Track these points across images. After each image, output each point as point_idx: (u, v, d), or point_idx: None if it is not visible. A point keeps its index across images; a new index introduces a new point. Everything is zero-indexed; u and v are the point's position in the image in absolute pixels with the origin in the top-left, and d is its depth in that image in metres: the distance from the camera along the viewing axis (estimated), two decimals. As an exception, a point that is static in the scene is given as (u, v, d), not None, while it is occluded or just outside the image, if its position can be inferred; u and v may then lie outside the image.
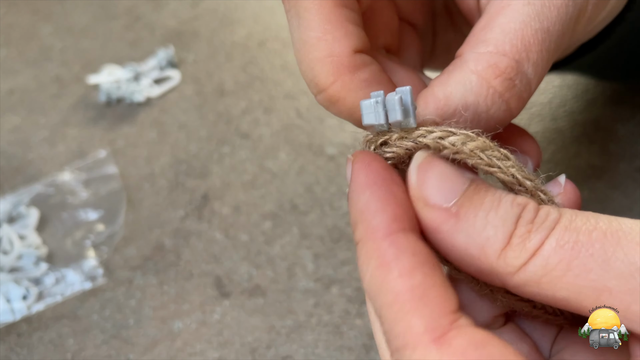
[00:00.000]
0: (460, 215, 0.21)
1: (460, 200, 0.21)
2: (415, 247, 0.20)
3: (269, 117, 0.53)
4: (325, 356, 0.38)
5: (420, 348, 0.19)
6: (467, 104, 0.23)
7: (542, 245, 0.20)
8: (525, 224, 0.21)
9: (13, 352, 0.41)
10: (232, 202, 0.47)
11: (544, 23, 0.24)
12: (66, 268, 0.45)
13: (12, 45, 0.65)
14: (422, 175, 0.22)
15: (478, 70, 0.23)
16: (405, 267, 0.20)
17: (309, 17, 0.25)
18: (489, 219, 0.21)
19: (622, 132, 0.47)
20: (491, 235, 0.21)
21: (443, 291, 0.20)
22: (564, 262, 0.20)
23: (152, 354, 0.40)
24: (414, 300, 0.19)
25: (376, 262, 0.20)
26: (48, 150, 0.54)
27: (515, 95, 0.24)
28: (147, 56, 0.60)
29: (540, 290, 0.20)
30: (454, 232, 0.21)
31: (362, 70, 0.25)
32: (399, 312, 0.20)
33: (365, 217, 0.21)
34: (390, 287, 0.20)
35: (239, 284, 0.42)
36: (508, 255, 0.20)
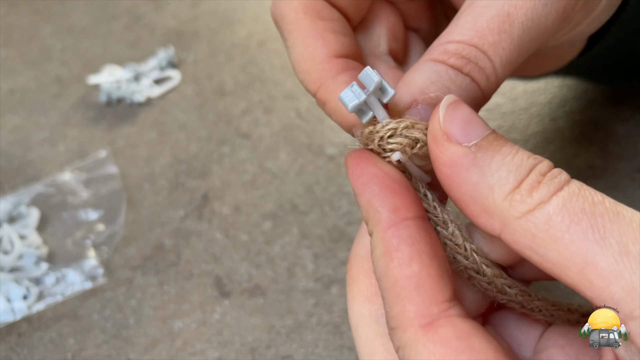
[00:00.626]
0: (478, 155, 0.22)
1: (480, 142, 0.22)
2: (415, 236, 0.22)
3: (269, 117, 0.53)
4: (325, 356, 0.38)
5: (409, 331, 0.21)
6: (432, 80, 0.25)
7: (549, 199, 0.21)
8: (538, 174, 0.21)
9: (14, 351, 0.41)
10: (232, 202, 0.47)
11: (504, 8, 0.25)
12: (66, 268, 0.45)
13: (13, 46, 0.65)
14: (449, 113, 0.23)
15: (432, 57, 0.26)
16: (404, 256, 0.22)
17: (293, 37, 0.28)
18: (505, 162, 0.22)
19: (622, 133, 0.47)
20: (503, 176, 0.22)
21: (437, 281, 0.22)
22: (565, 224, 0.20)
23: (153, 354, 0.40)
24: (409, 288, 0.22)
25: (381, 250, 0.23)
26: (48, 150, 0.54)
27: (475, 69, 0.25)
28: (148, 56, 0.60)
29: (534, 244, 0.21)
30: (468, 168, 0.22)
31: (344, 74, 0.27)
32: (396, 297, 0.22)
33: (370, 214, 0.23)
34: (391, 274, 0.22)
35: (239, 283, 0.43)
36: (515, 198, 0.21)
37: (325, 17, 0.28)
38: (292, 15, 0.28)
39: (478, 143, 0.22)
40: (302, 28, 0.28)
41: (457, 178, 0.22)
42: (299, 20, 0.28)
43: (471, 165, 0.22)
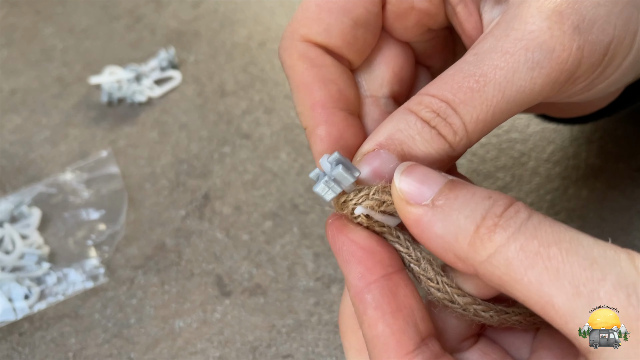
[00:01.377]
0: (437, 209, 0.24)
1: (436, 197, 0.24)
2: (378, 299, 0.25)
3: (270, 117, 0.53)
4: (325, 355, 0.38)
5: None
6: (400, 129, 0.27)
7: (506, 243, 0.22)
8: (493, 217, 0.23)
9: (15, 351, 0.41)
10: (232, 201, 0.48)
11: (482, 68, 0.26)
12: (68, 267, 0.45)
13: (14, 46, 0.65)
14: (404, 177, 0.25)
15: (408, 106, 0.27)
16: (371, 320, 0.25)
17: (290, 81, 0.30)
18: (461, 210, 0.23)
19: (621, 132, 0.47)
20: (462, 224, 0.23)
21: (400, 337, 0.25)
22: (522, 268, 0.22)
23: (154, 353, 0.40)
24: (378, 346, 0.25)
25: (357, 313, 0.26)
26: (50, 150, 0.54)
27: (441, 123, 0.26)
28: (149, 57, 0.61)
29: (501, 283, 0.22)
30: (431, 224, 0.24)
31: (320, 128, 0.29)
32: (371, 352, 0.25)
33: (345, 278, 0.27)
34: (364, 333, 0.26)
35: (239, 283, 0.43)
36: (476, 244, 0.23)
37: (318, 64, 0.30)
38: (289, 61, 0.30)
39: (434, 199, 0.24)
40: (297, 74, 0.30)
41: (426, 234, 0.24)
42: (293, 65, 0.30)
43: (433, 221, 0.24)
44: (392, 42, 0.32)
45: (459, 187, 0.24)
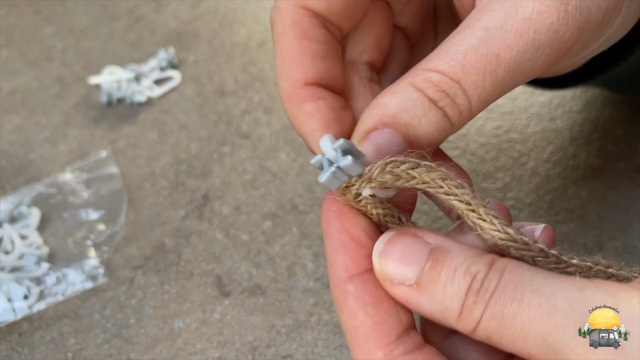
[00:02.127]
0: (421, 290, 0.24)
1: (419, 277, 0.24)
2: (360, 291, 0.25)
3: (269, 117, 0.53)
4: (325, 355, 0.38)
5: None
6: (406, 108, 0.26)
7: (482, 316, 0.23)
8: (473, 295, 0.24)
9: (14, 351, 0.41)
10: (232, 202, 0.48)
11: (494, 49, 0.25)
12: (67, 268, 0.45)
13: (14, 46, 0.65)
14: (384, 262, 0.25)
15: (414, 81, 0.26)
16: (350, 311, 0.25)
17: (276, 48, 0.29)
18: (446, 292, 0.24)
19: (621, 132, 0.47)
20: (448, 305, 0.24)
21: (380, 328, 0.25)
22: (497, 333, 0.23)
23: (153, 353, 0.40)
24: (358, 337, 0.25)
25: (336, 302, 0.26)
26: (49, 150, 0.54)
27: (449, 104, 0.26)
28: (148, 57, 0.61)
29: (493, 345, 0.24)
30: (419, 303, 0.25)
31: (308, 104, 0.28)
32: (350, 343, 0.26)
33: (329, 266, 0.26)
34: (344, 323, 0.26)
35: (239, 283, 0.43)
36: (462, 322, 0.24)
37: (310, 37, 0.28)
38: (279, 26, 0.29)
39: (417, 280, 0.24)
40: (285, 43, 0.29)
41: (416, 311, 0.25)
42: (284, 33, 0.28)
43: (420, 301, 0.24)
44: (377, 6, 0.31)
45: (440, 262, 0.24)
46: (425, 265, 0.24)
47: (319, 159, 0.26)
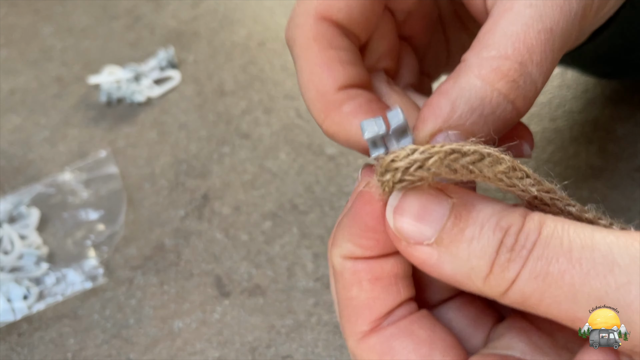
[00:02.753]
0: (442, 249, 0.22)
1: (440, 235, 0.22)
2: (357, 267, 0.24)
3: (269, 117, 0.53)
4: (325, 355, 0.38)
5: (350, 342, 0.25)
6: (473, 107, 0.24)
7: (518, 275, 0.21)
8: (506, 252, 0.21)
9: (14, 351, 0.41)
10: (232, 202, 0.48)
11: (547, 23, 0.24)
12: (67, 268, 0.45)
13: (13, 46, 0.65)
14: (399, 220, 0.22)
15: (482, 74, 0.24)
16: (346, 282, 0.24)
17: (301, 63, 0.28)
18: (472, 249, 0.22)
19: (621, 132, 0.47)
20: (475, 265, 0.22)
21: (372, 303, 0.24)
22: (538, 293, 0.21)
23: (153, 354, 0.40)
24: (348, 308, 0.25)
25: (333, 271, 0.25)
26: (49, 150, 0.54)
27: (520, 95, 0.24)
28: (148, 56, 0.60)
29: (527, 309, 0.22)
30: (440, 265, 0.22)
31: (347, 104, 0.27)
32: (341, 312, 0.25)
33: (335, 235, 0.25)
34: (338, 293, 0.25)
35: (239, 283, 0.43)
36: (491, 283, 0.22)
37: (335, 46, 0.28)
38: (302, 40, 0.28)
39: (437, 238, 0.22)
40: (311, 56, 0.27)
41: (436, 274, 0.22)
42: (309, 46, 0.27)
43: (441, 262, 0.22)
44: (385, 17, 0.31)
45: (463, 219, 0.22)
46: (446, 222, 0.22)
47: (374, 134, 0.23)
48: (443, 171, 0.21)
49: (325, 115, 0.27)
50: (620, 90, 0.49)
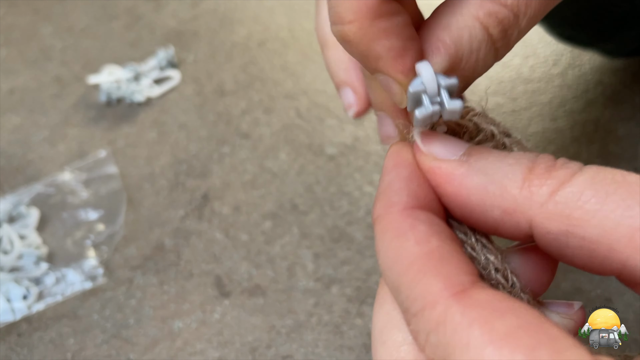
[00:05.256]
0: (472, 161, 0.21)
1: (468, 150, 0.21)
2: (432, 219, 0.20)
3: (269, 117, 0.53)
4: (325, 356, 0.38)
5: (440, 305, 0.18)
6: (471, 50, 0.23)
7: (572, 177, 0.19)
8: (547, 161, 0.20)
9: (13, 351, 0.41)
10: (232, 202, 0.47)
11: None
12: (66, 268, 0.45)
13: (13, 46, 0.65)
14: (426, 137, 0.22)
15: (480, 16, 0.23)
16: (422, 234, 0.19)
17: None
18: (502, 159, 0.20)
19: (622, 132, 0.47)
20: (509, 170, 0.20)
21: (461, 256, 0.19)
22: (600, 196, 0.18)
23: (153, 354, 0.40)
24: (433, 261, 0.19)
25: (392, 233, 0.20)
26: (48, 150, 0.54)
27: (504, 45, 0.24)
28: (147, 56, 0.60)
29: (570, 226, 0.19)
30: (469, 174, 0.21)
31: (384, 20, 0.23)
32: (417, 275, 0.19)
33: (386, 194, 0.21)
34: (407, 253, 0.19)
35: (239, 283, 0.42)
36: (533, 184, 0.19)
37: None
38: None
39: (466, 152, 0.21)
40: None
41: (463, 190, 0.21)
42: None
43: (470, 171, 0.21)
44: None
45: (487, 148, 0.21)
46: (471, 147, 0.21)
47: (420, 90, 0.22)
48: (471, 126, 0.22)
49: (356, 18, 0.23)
50: (622, 90, 0.49)
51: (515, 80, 0.51)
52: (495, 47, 0.23)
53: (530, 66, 0.52)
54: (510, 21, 0.23)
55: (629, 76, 0.50)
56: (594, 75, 0.50)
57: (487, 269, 0.22)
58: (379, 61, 0.23)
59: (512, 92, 0.51)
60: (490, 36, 0.23)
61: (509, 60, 0.53)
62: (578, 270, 0.39)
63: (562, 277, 0.39)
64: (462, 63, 0.23)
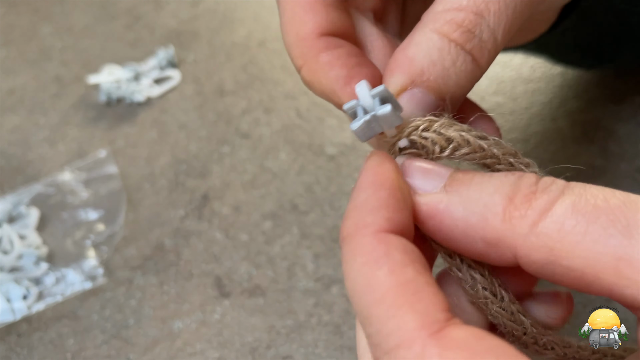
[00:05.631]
0: (452, 193, 0.21)
1: (448, 181, 0.21)
2: (406, 246, 0.19)
3: (269, 117, 0.53)
4: (325, 356, 0.38)
5: (417, 344, 0.17)
6: (433, 60, 0.23)
7: (552, 206, 0.19)
8: (528, 186, 0.20)
9: (13, 352, 0.41)
10: (232, 202, 0.47)
11: None
12: (66, 268, 0.45)
13: (12, 45, 0.64)
14: (408, 167, 0.22)
15: (437, 27, 0.23)
16: (396, 263, 0.19)
17: (282, 4, 0.26)
18: (483, 187, 0.20)
19: (622, 132, 0.47)
20: (489, 201, 0.20)
21: (436, 290, 0.19)
22: (581, 226, 0.18)
23: (152, 354, 0.40)
24: (407, 296, 0.18)
25: (364, 258, 0.19)
26: (48, 150, 0.54)
27: (477, 46, 0.23)
28: (147, 56, 0.60)
29: (553, 257, 0.19)
30: (449, 208, 0.20)
31: (326, 54, 0.25)
32: (390, 309, 0.18)
33: (360, 213, 0.20)
34: (380, 282, 0.18)
35: (239, 283, 0.42)
36: (513, 217, 0.19)
37: None
38: None
39: (446, 184, 0.21)
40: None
41: (445, 224, 0.21)
42: None
43: (451, 205, 0.20)
44: None
45: (471, 172, 0.21)
46: (452, 174, 0.21)
47: (354, 105, 0.22)
48: (437, 139, 0.22)
49: (303, 61, 0.25)
50: (622, 90, 0.49)
51: (515, 80, 0.51)
52: (467, 49, 0.23)
53: (530, 66, 0.52)
54: (472, 21, 0.23)
55: (630, 76, 0.50)
56: (594, 75, 0.50)
57: (474, 288, 0.22)
58: (334, 94, 0.24)
59: (512, 92, 0.51)
60: (454, 41, 0.23)
61: (509, 60, 0.52)
62: (578, 271, 0.39)
63: (562, 277, 0.39)
64: (425, 75, 0.23)
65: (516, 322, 0.22)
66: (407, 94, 0.23)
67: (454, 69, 0.23)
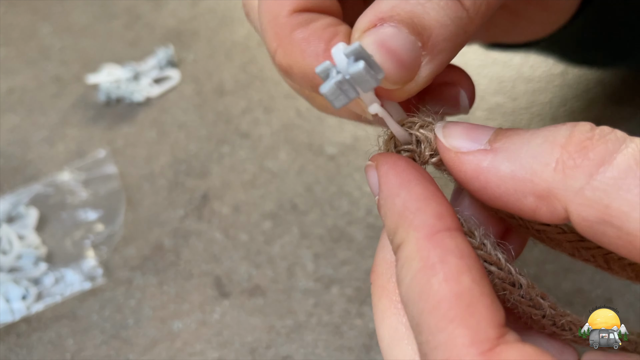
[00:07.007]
0: (497, 148, 0.19)
1: (492, 137, 0.20)
2: (462, 248, 0.18)
3: (269, 117, 0.53)
4: (325, 356, 0.38)
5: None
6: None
7: (612, 157, 0.17)
8: (583, 133, 0.18)
9: (12, 352, 0.41)
10: (231, 201, 0.47)
11: None
12: (65, 268, 0.45)
13: (12, 45, 0.64)
14: (447, 132, 0.21)
15: None
16: (452, 270, 0.18)
17: None
18: (531, 139, 0.18)
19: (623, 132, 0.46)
20: (538, 151, 0.18)
21: (491, 301, 0.18)
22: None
23: (152, 354, 0.40)
24: (460, 308, 0.17)
25: (419, 264, 0.18)
26: (47, 150, 0.53)
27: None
28: (147, 56, 0.60)
29: (608, 216, 0.17)
30: (495, 164, 0.19)
31: (300, 30, 0.22)
32: (441, 320, 0.17)
33: (406, 218, 0.19)
34: (434, 291, 0.18)
35: (238, 283, 0.42)
36: (567, 165, 0.18)
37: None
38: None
39: (489, 139, 0.19)
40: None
41: (493, 182, 0.19)
42: None
43: (497, 162, 0.19)
44: None
45: (514, 129, 0.19)
46: (497, 131, 0.20)
47: (326, 67, 0.20)
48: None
49: (277, 42, 0.22)
50: (622, 90, 0.49)
51: (515, 80, 0.51)
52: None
53: (530, 65, 0.52)
54: None
55: (630, 76, 0.50)
56: (594, 74, 0.50)
57: (492, 282, 0.21)
58: (315, 76, 0.22)
59: (512, 92, 0.51)
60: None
61: (509, 59, 0.52)
62: (579, 270, 0.39)
63: (562, 277, 0.39)
64: (396, 9, 0.20)
65: (535, 307, 0.22)
66: (376, 29, 0.21)
67: (430, 3, 0.21)
